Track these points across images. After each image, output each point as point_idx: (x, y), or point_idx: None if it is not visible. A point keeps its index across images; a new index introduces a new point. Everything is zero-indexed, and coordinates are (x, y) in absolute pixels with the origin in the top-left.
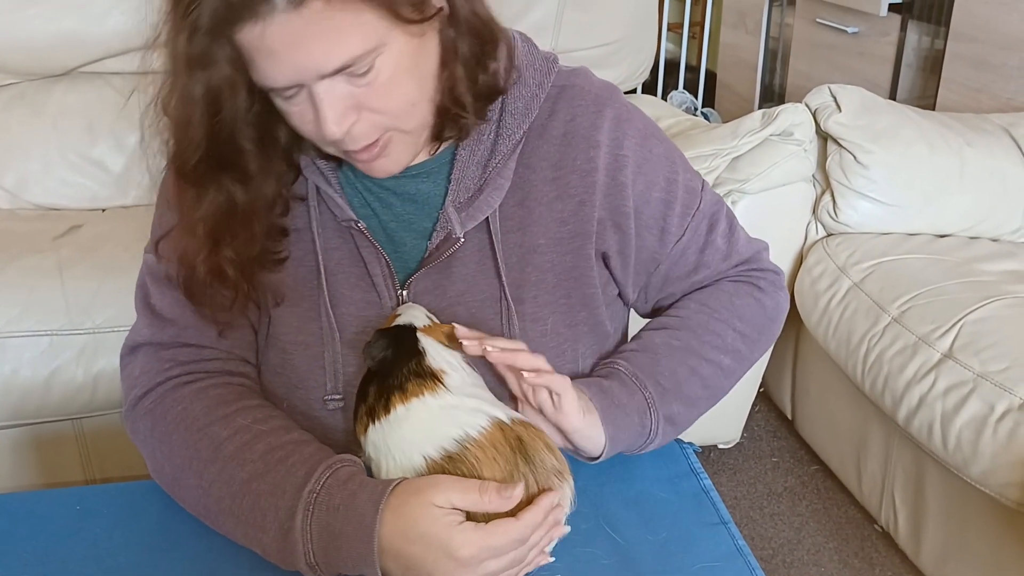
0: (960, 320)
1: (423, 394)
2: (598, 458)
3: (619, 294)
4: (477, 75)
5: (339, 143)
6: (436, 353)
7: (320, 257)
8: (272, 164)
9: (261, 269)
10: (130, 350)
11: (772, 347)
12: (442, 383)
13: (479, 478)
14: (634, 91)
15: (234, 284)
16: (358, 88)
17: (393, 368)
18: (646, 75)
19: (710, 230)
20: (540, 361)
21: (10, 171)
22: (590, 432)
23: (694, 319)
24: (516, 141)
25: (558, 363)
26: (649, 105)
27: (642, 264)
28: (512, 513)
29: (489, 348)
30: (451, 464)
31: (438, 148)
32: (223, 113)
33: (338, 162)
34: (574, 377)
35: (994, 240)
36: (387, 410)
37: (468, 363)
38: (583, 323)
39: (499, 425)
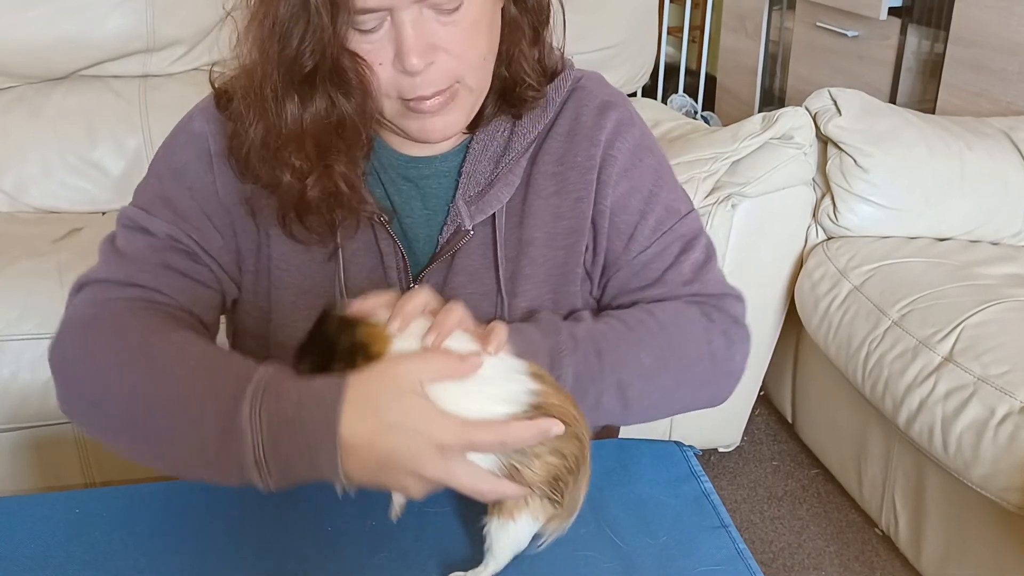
0: (960, 324)
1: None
2: None
3: (590, 291)
4: (535, 53)
5: (412, 85)
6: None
7: (339, 244)
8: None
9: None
10: (77, 288)
11: (719, 395)
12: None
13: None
14: (634, 95)
15: (348, 200)
16: (442, 27)
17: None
18: (646, 79)
19: (681, 252)
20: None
21: (9, 174)
22: None
23: (630, 314)
24: (530, 140)
25: None
26: (649, 109)
27: (606, 266)
28: None
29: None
30: None
31: (465, 138)
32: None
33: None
34: None
35: (994, 244)
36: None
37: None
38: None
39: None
